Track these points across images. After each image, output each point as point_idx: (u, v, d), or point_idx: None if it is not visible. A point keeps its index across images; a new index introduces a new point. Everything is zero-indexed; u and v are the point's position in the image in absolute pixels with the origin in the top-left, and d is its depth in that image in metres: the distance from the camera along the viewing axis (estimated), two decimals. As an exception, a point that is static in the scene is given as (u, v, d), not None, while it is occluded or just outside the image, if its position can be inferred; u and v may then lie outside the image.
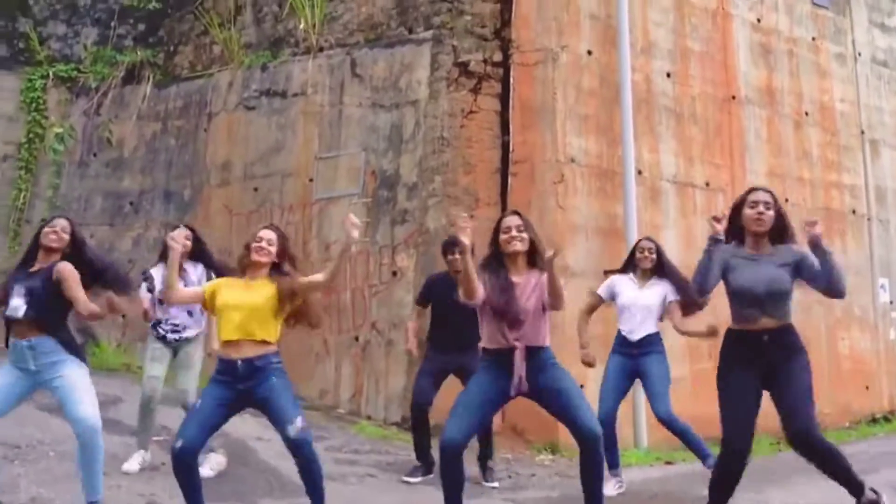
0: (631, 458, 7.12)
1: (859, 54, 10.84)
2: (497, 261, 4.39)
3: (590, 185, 8.15)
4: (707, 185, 8.97)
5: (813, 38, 10.38)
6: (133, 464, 5.72)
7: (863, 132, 10.61)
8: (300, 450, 4.25)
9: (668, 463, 7.20)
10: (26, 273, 4.50)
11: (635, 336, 5.83)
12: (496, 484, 6.11)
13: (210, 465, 5.74)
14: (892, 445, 7.82)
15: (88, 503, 4.49)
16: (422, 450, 6.18)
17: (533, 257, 4.38)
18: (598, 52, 8.45)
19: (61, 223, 4.57)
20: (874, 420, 9.64)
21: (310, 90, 9.23)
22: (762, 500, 5.70)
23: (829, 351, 9.57)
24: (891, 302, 10.42)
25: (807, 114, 10.07)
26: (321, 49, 9.33)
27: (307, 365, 8.40)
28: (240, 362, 4.25)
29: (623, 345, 5.86)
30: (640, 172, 8.38)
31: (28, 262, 4.57)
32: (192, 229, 5.87)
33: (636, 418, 7.77)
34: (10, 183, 10.48)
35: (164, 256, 5.60)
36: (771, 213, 4.33)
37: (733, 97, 9.40)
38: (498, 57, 8.41)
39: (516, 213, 4.51)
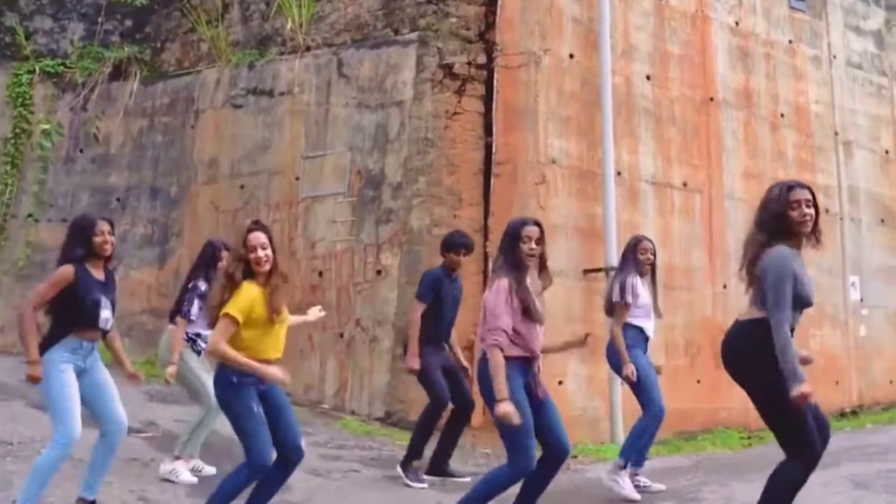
0: (607, 454, 7.34)
1: (834, 57, 11.05)
2: (521, 269, 4.43)
3: (570, 185, 8.35)
4: (685, 185, 9.19)
5: (790, 42, 10.59)
6: (188, 475, 5.76)
7: (836, 133, 10.82)
8: (298, 462, 4.40)
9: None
10: (98, 282, 4.63)
11: (651, 334, 6.17)
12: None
13: (186, 472, 5.80)
14: (857, 440, 8.07)
15: (89, 501, 4.66)
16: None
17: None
18: (580, 55, 8.63)
19: (108, 227, 4.66)
20: (842, 415, 9.90)
21: (296, 89, 9.36)
22: (728, 494, 5.94)
23: (802, 347, 9.82)
24: (861, 300, 10.67)
25: (782, 115, 10.29)
26: (308, 48, 9.45)
27: (292, 360, 8.52)
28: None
29: (645, 341, 6.11)
30: (619, 173, 8.57)
31: (83, 261, 4.62)
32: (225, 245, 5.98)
33: (613, 414, 8.00)
34: (-4, 178, 10.52)
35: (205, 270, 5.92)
36: (812, 210, 4.09)
37: (711, 99, 9.60)
38: (482, 59, 8.55)
39: (537, 223, 4.51)
